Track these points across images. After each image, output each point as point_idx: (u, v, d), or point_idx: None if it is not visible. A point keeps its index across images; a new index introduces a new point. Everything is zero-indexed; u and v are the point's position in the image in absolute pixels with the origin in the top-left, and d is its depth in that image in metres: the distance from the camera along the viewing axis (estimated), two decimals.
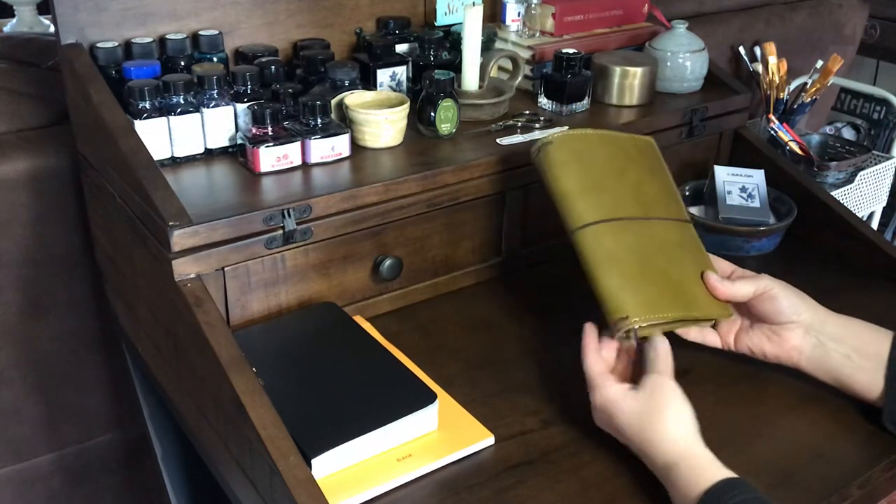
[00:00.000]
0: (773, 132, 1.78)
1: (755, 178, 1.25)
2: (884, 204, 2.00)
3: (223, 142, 1.04)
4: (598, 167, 0.94)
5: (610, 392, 0.82)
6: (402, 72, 1.18)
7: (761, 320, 0.92)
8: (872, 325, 0.90)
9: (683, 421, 0.79)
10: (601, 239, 0.89)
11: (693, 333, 0.94)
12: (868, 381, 0.87)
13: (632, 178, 0.95)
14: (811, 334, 0.90)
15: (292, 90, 1.05)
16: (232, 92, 1.04)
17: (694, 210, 1.25)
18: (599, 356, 0.86)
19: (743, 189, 1.23)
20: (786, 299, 0.89)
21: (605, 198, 0.92)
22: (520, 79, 1.24)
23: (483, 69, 1.18)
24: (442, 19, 1.29)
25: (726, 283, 0.91)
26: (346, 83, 1.10)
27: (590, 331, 0.88)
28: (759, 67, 1.85)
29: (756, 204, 1.22)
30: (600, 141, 0.97)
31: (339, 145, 1.02)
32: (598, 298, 0.88)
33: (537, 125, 1.15)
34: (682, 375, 0.84)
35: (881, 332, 0.89)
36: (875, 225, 2.10)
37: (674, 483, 0.76)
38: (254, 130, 0.99)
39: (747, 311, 0.93)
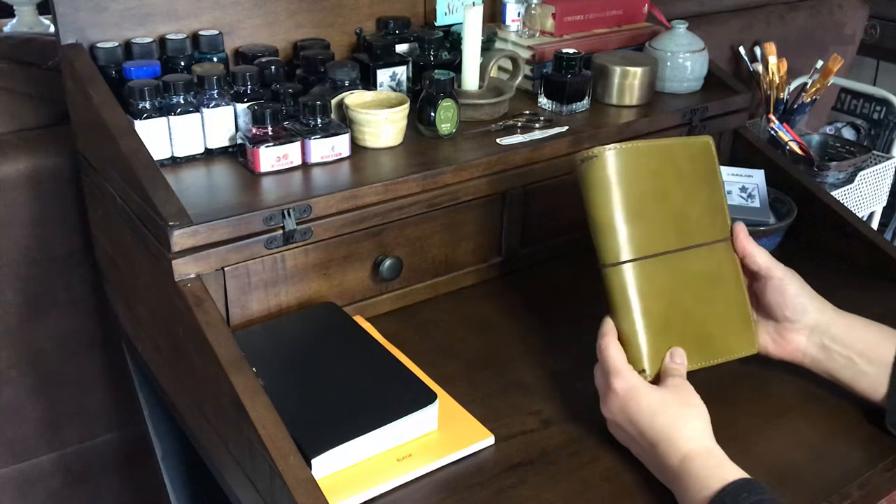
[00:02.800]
0: (773, 132, 1.78)
1: (755, 178, 1.25)
2: (884, 204, 2.00)
3: (223, 142, 1.04)
4: (641, 189, 0.87)
5: (635, 380, 0.82)
6: (402, 72, 1.18)
7: (767, 314, 0.91)
8: (881, 326, 0.89)
9: (701, 419, 0.79)
10: (632, 280, 0.85)
11: None
12: (869, 384, 0.87)
13: (676, 201, 0.89)
14: (815, 336, 0.89)
15: (292, 90, 1.05)
16: (232, 92, 1.04)
17: None
18: (620, 348, 0.85)
19: (743, 189, 1.23)
20: (794, 297, 0.89)
21: (644, 228, 0.86)
22: (520, 79, 1.24)
23: (483, 69, 1.18)
24: (442, 19, 1.29)
25: (748, 241, 0.90)
26: (346, 83, 1.10)
27: (609, 322, 0.87)
28: (759, 67, 1.85)
29: (756, 204, 1.22)
30: (649, 154, 0.88)
31: (339, 145, 1.02)
32: (620, 335, 0.86)
33: (537, 125, 1.15)
34: None
35: (888, 334, 0.88)
36: (875, 225, 2.10)
37: (685, 480, 0.75)
38: (254, 130, 0.99)
39: (755, 303, 0.92)
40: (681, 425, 0.78)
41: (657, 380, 0.85)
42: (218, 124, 1.03)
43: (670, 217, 0.88)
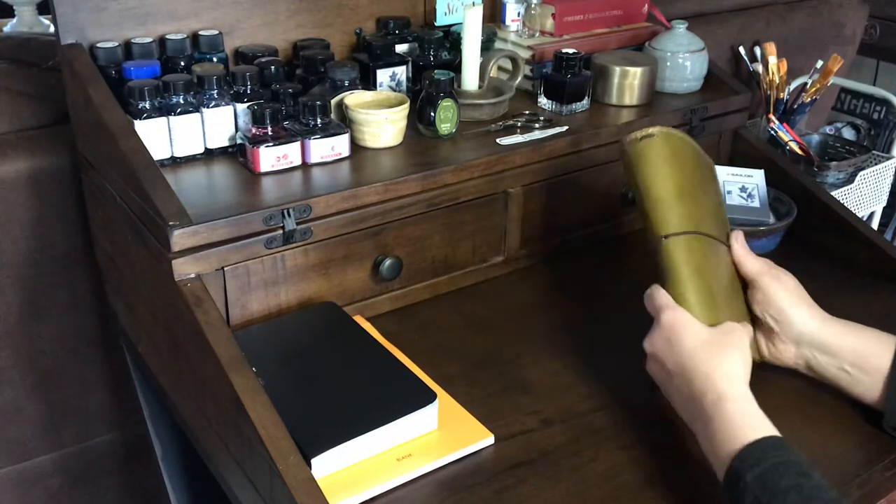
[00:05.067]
0: (773, 132, 1.78)
1: (755, 178, 1.25)
2: (884, 204, 2.00)
3: (223, 142, 1.04)
4: (689, 174, 0.91)
5: (682, 314, 0.83)
6: (401, 72, 1.18)
7: (759, 322, 0.91)
8: (874, 333, 0.87)
9: (745, 367, 0.79)
10: (690, 251, 0.87)
11: None
12: (865, 391, 0.87)
13: (712, 195, 0.94)
14: (805, 347, 0.89)
15: (292, 90, 1.05)
16: (232, 92, 1.04)
17: None
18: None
19: (743, 189, 1.23)
20: (780, 309, 0.88)
21: (694, 210, 0.89)
22: (520, 79, 1.24)
23: (483, 69, 1.18)
24: (442, 19, 1.29)
25: (743, 249, 0.91)
26: (346, 83, 1.10)
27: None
28: (759, 67, 1.85)
29: (756, 204, 1.22)
30: (691, 150, 0.93)
31: (338, 145, 1.02)
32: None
33: (537, 125, 1.15)
34: None
35: (883, 341, 0.86)
36: (875, 225, 2.10)
37: (716, 422, 0.74)
38: (254, 130, 0.99)
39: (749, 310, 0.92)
40: (721, 363, 0.78)
41: None
42: (218, 124, 1.03)
43: (712, 208, 0.92)
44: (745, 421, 0.74)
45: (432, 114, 1.08)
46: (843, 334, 0.87)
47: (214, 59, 1.09)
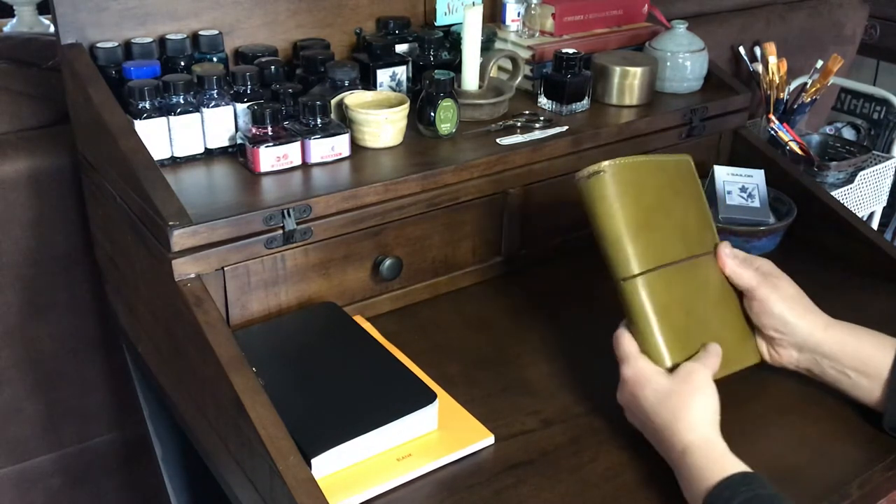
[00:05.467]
0: (773, 132, 1.78)
1: (755, 178, 1.25)
2: (884, 204, 2.00)
3: (223, 142, 1.04)
4: (646, 202, 0.87)
5: (643, 366, 0.82)
6: (402, 72, 1.18)
7: (759, 329, 0.91)
8: (875, 336, 0.87)
9: (707, 410, 0.79)
10: (651, 290, 0.84)
11: None
12: (865, 394, 0.87)
13: (678, 213, 0.90)
14: (805, 352, 0.89)
15: (292, 90, 1.05)
16: (232, 92, 1.04)
17: None
18: (633, 339, 0.85)
19: (743, 189, 1.23)
20: (778, 318, 0.88)
21: (654, 239, 0.86)
22: (520, 79, 1.24)
23: (483, 69, 1.18)
24: (442, 19, 1.29)
25: (732, 261, 0.89)
26: (346, 83, 1.10)
27: (626, 323, 0.87)
28: (759, 67, 1.85)
29: (756, 204, 1.22)
30: (647, 168, 0.89)
31: (338, 145, 1.02)
32: (641, 346, 0.84)
33: (537, 125, 1.15)
34: None
35: (884, 344, 0.86)
36: (875, 225, 2.10)
37: (686, 471, 0.75)
38: (254, 130, 0.99)
39: (747, 317, 0.92)
40: (683, 415, 0.78)
41: None
42: (218, 124, 1.02)
43: (675, 228, 0.88)
44: (710, 465, 0.74)
45: (432, 114, 1.08)
46: (844, 339, 0.87)
47: (214, 59, 1.09)
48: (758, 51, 1.87)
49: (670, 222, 0.88)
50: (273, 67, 1.09)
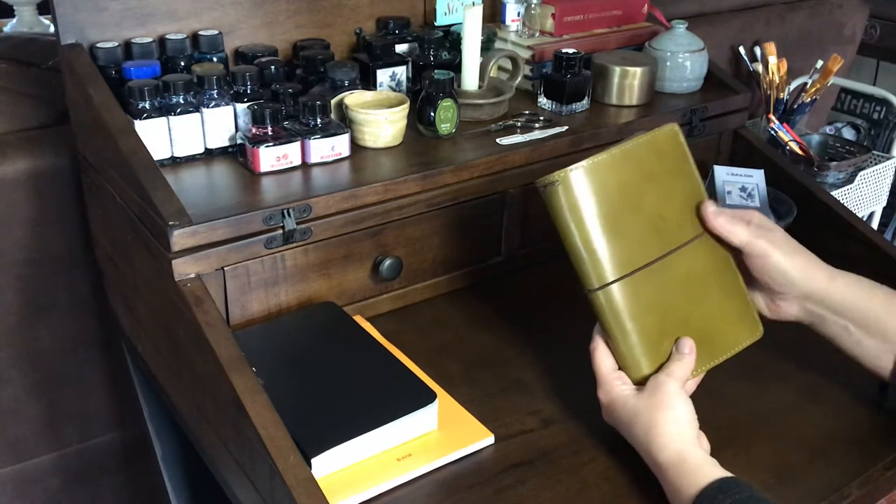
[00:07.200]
0: (773, 132, 1.78)
1: (755, 178, 1.25)
2: (884, 204, 2.00)
3: (223, 142, 1.04)
4: (612, 204, 0.82)
5: (614, 392, 0.82)
6: (401, 72, 1.18)
7: (758, 285, 0.88)
8: (887, 292, 0.84)
9: (680, 422, 0.78)
10: (621, 300, 0.82)
11: None
12: (866, 354, 0.85)
13: (651, 206, 0.84)
14: (808, 304, 0.85)
15: (292, 90, 1.05)
16: (232, 92, 1.04)
17: None
18: (608, 354, 0.84)
19: (743, 189, 1.23)
20: (777, 272, 0.84)
21: (622, 244, 0.82)
22: (519, 79, 1.24)
23: (483, 69, 1.18)
24: (442, 19, 1.29)
25: (722, 219, 0.84)
26: (346, 83, 1.10)
27: (599, 329, 0.85)
28: (759, 67, 1.85)
29: (756, 204, 1.22)
30: (613, 165, 0.82)
31: (338, 145, 1.02)
32: (616, 355, 0.83)
33: (537, 125, 1.15)
34: None
35: (890, 301, 0.84)
36: (875, 225, 2.10)
37: (670, 483, 0.76)
38: (254, 130, 0.99)
39: (745, 276, 0.88)
40: (654, 434, 0.78)
41: None
42: (218, 124, 1.03)
43: (648, 225, 0.84)
44: (685, 481, 0.74)
45: (432, 114, 1.08)
46: (852, 292, 0.84)
47: (214, 59, 1.09)
48: (758, 51, 1.87)
49: (641, 218, 0.83)
50: (273, 67, 1.09)
